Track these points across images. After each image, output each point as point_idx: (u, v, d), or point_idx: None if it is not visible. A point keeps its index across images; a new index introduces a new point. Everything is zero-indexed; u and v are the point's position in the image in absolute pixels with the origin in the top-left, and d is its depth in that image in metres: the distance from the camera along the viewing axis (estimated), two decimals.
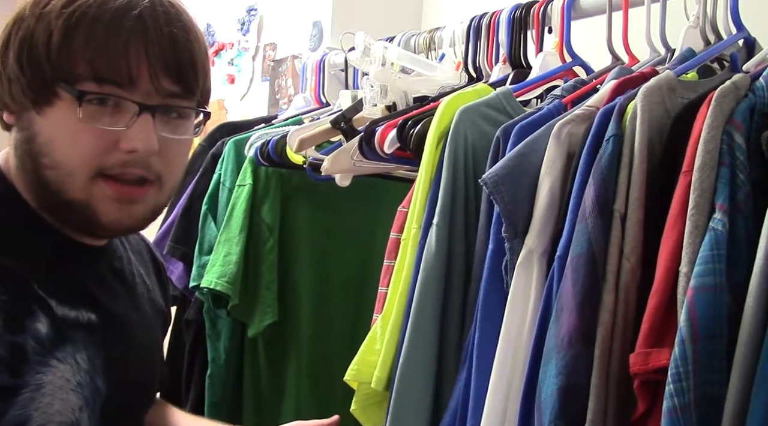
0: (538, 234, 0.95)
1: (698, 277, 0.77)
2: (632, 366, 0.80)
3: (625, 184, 0.88)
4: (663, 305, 0.80)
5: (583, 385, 0.84)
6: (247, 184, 1.56)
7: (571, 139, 0.96)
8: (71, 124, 0.78)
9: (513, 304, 0.95)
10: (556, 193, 0.95)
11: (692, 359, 0.75)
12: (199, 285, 1.54)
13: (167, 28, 0.79)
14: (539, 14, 1.31)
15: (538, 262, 0.94)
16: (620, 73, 1.09)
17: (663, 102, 0.92)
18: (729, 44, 1.11)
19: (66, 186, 0.80)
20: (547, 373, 0.86)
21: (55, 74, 0.78)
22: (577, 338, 0.84)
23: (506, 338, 0.95)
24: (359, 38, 1.43)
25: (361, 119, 1.36)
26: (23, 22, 0.79)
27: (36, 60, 0.78)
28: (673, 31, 1.17)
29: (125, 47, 0.77)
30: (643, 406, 0.80)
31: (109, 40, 0.77)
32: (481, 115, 1.10)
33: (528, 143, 0.98)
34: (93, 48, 0.77)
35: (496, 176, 0.95)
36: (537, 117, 1.03)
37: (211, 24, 2.68)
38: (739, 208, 0.80)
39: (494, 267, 0.99)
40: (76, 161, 0.79)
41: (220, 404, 1.59)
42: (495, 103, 1.12)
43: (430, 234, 1.06)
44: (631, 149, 0.89)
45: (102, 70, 0.77)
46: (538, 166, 0.96)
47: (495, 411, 0.94)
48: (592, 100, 1.01)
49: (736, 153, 0.82)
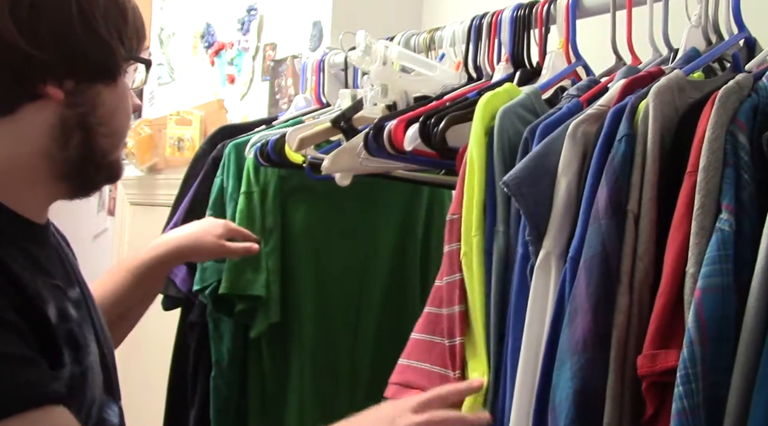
0: (555, 235, 0.93)
1: (706, 278, 0.76)
2: (640, 368, 0.79)
3: (638, 185, 0.87)
4: (670, 306, 0.79)
5: (599, 388, 0.83)
6: (255, 191, 1.57)
7: (586, 138, 0.95)
8: (127, 93, 0.91)
9: (533, 307, 0.94)
10: (572, 194, 0.94)
11: (701, 360, 0.75)
12: (201, 288, 1.55)
13: None
14: (542, 13, 1.31)
15: (556, 264, 0.93)
16: (628, 73, 1.08)
17: (673, 101, 0.92)
18: (731, 44, 1.11)
19: (114, 149, 0.90)
20: (561, 377, 0.85)
21: (129, 49, 0.88)
22: (592, 341, 0.83)
23: (527, 343, 0.93)
24: (360, 37, 1.42)
25: (361, 119, 1.36)
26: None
27: (119, 35, 0.87)
28: (673, 31, 1.17)
29: (143, 25, 0.92)
30: (652, 408, 0.80)
31: (141, 19, 0.91)
32: (518, 116, 1.07)
33: (546, 144, 0.96)
34: (141, 23, 0.91)
35: (517, 178, 0.94)
36: (557, 116, 1.01)
37: (211, 24, 2.68)
38: (744, 208, 0.80)
39: (522, 271, 0.97)
40: (128, 124, 0.93)
41: (226, 405, 1.59)
42: (527, 103, 1.09)
43: (496, 242, 1.01)
44: (644, 149, 0.88)
45: (142, 42, 0.91)
46: (557, 167, 0.94)
47: (520, 419, 0.93)
48: (603, 99, 0.99)
49: (740, 153, 0.82)
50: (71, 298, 0.86)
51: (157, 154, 2.84)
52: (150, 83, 3.09)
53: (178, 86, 2.90)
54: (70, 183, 0.89)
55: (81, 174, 0.88)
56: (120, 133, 0.91)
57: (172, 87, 2.94)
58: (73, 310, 0.84)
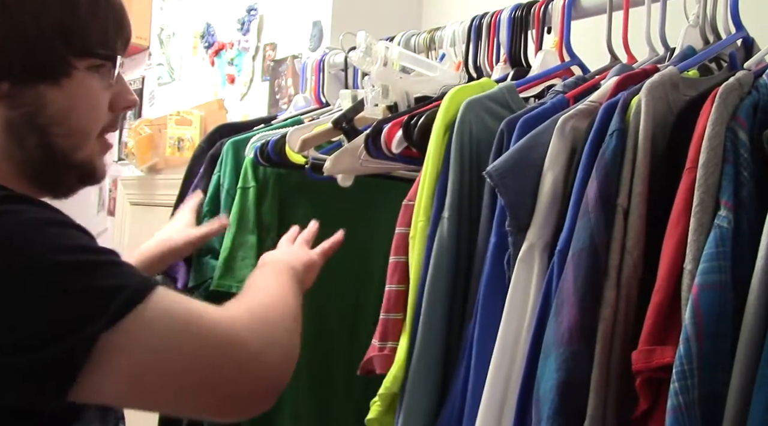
0: (540, 228, 0.94)
1: (703, 275, 0.76)
2: (635, 363, 0.79)
3: (628, 179, 0.87)
4: (666, 302, 0.79)
5: (583, 380, 0.83)
6: (251, 186, 1.56)
7: (575, 133, 0.95)
8: (91, 92, 0.85)
9: (513, 298, 0.95)
10: (559, 188, 0.95)
11: (697, 357, 0.74)
12: (197, 285, 1.54)
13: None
14: (540, 14, 1.32)
15: (540, 256, 0.94)
16: (622, 70, 1.09)
17: (666, 97, 0.92)
18: (729, 43, 1.11)
19: (77, 149, 0.86)
20: (546, 369, 0.85)
21: (81, 46, 0.83)
22: (578, 333, 0.84)
23: (505, 334, 0.94)
24: (361, 38, 1.43)
25: (362, 119, 1.36)
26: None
27: (63, 32, 0.82)
28: (670, 31, 1.17)
29: (125, 19, 0.88)
30: (645, 404, 0.80)
31: (120, 13, 0.87)
32: (485, 109, 1.09)
33: (532, 136, 0.97)
34: (111, 20, 0.86)
35: (500, 168, 0.95)
36: (541, 110, 1.03)
37: (211, 24, 2.68)
38: (743, 205, 0.80)
39: (496, 261, 0.98)
40: (93, 125, 0.87)
41: None
42: (498, 96, 1.11)
43: (440, 227, 1.05)
44: (635, 144, 0.88)
45: (118, 39, 0.87)
46: (543, 160, 0.96)
47: (492, 407, 0.94)
48: (595, 96, 1.00)
49: (739, 150, 0.82)
50: None
51: (157, 154, 2.84)
52: (150, 83, 3.10)
53: (178, 86, 2.90)
54: (40, 183, 0.86)
55: (48, 175, 0.86)
56: (81, 132, 0.86)
57: (172, 87, 2.95)
58: None
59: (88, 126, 0.86)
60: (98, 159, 0.89)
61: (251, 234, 1.55)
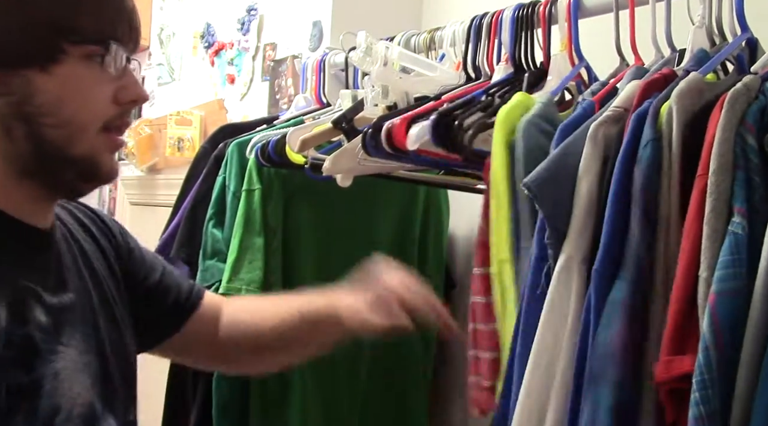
0: (576, 239, 0.92)
1: (720, 282, 0.76)
2: (657, 375, 0.79)
3: (666, 189, 0.86)
4: (683, 312, 0.79)
5: (636, 400, 0.82)
6: (257, 189, 1.56)
7: (606, 140, 0.94)
8: (84, 81, 0.81)
9: (549, 313, 0.92)
10: (593, 197, 0.92)
11: (717, 365, 0.74)
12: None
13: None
14: (545, 13, 1.30)
15: (578, 269, 0.91)
16: (637, 73, 1.07)
17: (693, 104, 0.91)
18: (736, 45, 1.10)
19: (73, 142, 0.81)
20: (599, 390, 0.84)
21: (71, 31, 0.80)
22: (631, 352, 0.83)
23: (539, 350, 0.92)
24: (361, 38, 1.42)
25: (362, 119, 1.35)
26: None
27: (50, 17, 0.79)
28: (673, 31, 1.16)
29: (124, 6, 0.84)
30: (672, 416, 0.79)
31: (120, 1, 0.84)
32: (538, 128, 1.05)
33: (566, 145, 0.95)
34: (108, 6, 0.82)
35: (538, 179, 0.93)
36: (573, 117, 1.01)
37: (211, 24, 2.67)
38: (756, 210, 0.79)
39: (537, 272, 0.96)
40: (89, 116, 0.82)
41: (228, 406, 1.58)
42: (546, 113, 1.08)
43: (525, 261, 1.00)
44: (670, 152, 0.87)
45: (119, 28, 0.83)
46: (576, 169, 0.93)
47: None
48: (619, 101, 0.98)
49: (749, 155, 0.82)
50: (46, 303, 0.81)
51: (157, 154, 2.83)
52: (150, 83, 3.09)
53: (178, 86, 2.90)
54: (39, 181, 0.83)
55: (42, 170, 0.82)
56: (75, 124, 0.81)
57: (172, 87, 2.94)
58: (43, 315, 0.80)
59: (83, 117, 0.81)
60: (103, 156, 0.84)
61: (258, 236, 1.55)
